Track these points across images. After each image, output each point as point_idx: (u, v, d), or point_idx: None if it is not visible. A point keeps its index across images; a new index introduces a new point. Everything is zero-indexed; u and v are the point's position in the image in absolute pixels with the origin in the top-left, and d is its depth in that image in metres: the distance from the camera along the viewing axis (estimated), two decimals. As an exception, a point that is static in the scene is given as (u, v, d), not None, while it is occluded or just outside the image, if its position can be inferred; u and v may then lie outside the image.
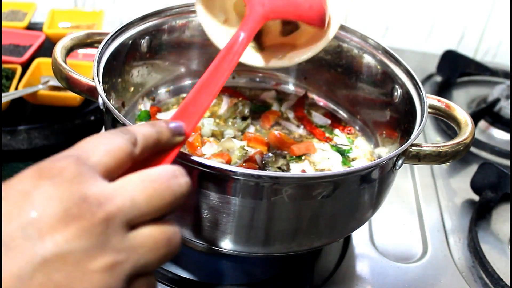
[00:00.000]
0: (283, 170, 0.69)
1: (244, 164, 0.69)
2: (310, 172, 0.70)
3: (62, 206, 0.32)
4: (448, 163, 0.92)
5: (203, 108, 0.48)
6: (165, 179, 0.36)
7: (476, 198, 0.86)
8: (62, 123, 0.91)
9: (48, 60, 0.98)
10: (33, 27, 1.16)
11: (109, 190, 0.34)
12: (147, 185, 0.35)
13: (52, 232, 0.32)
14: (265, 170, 0.69)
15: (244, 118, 0.79)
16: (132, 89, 0.76)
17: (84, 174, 0.34)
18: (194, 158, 0.49)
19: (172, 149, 0.43)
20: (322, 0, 0.61)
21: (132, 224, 0.35)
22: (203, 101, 0.48)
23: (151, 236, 0.35)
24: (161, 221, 0.37)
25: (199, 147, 0.71)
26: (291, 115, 0.83)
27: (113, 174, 0.36)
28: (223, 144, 0.72)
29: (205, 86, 0.49)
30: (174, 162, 0.42)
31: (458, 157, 0.60)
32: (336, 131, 0.81)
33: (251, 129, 0.78)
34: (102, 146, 0.37)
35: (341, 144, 0.78)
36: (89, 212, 0.33)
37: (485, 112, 1.07)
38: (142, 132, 0.40)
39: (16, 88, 0.92)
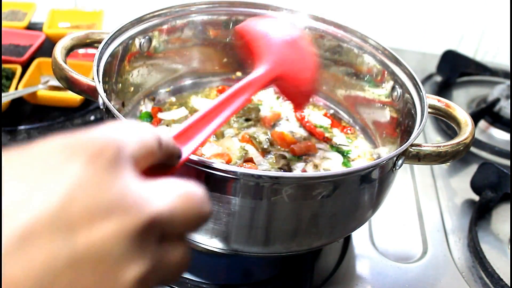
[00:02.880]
0: (284, 170, 0.69)
1: (244, 164, 0.69)
2: (310, 172, 0.70)
3: (101, 196, 0.26)
4: (448, 163, 0.92)
5: (202, 136, 0.46)
6: (200, 199, 0.32)
7: (476, 198, 0.86)
8: (62, 123, 0.91)
9: (48, 60, 0.98)
10: (33, 27, 1.16)
11: (148, 192, 0.29)
12: (185, 200, 0.31)
13: (87, 225, 0.25)
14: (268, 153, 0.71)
15: (248, 120, 0.79)
16: (132, 89, 0.76)
17: (124, 164, 0.28)
18: (194, 158, 0.49)
19: (169, 168, 0.38)
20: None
21: (163, 236, 0.30)
22: (202, 128, 0.47)
23: (179, 253, 0.31)
24: (184, 240, 0.33)
25: (199, 147, 0.71)
26: (291, 115, 0.83)
27: (139, 171, 0.31)
28: (223, 143, 0.72)
29: (210, 113, 0.50)
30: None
31: (458, 157, 0.60)
32: (336, 131, 0.81)
33: (251, 129, 0.78)
34: (136, 135, 0.31)
35: (341, 144, 0.78)
36: (133, 211, 0.27)
37: (485, 112, 1.07)
38: (163, 134, 0.34)
39: (16, 88, 0.92)
